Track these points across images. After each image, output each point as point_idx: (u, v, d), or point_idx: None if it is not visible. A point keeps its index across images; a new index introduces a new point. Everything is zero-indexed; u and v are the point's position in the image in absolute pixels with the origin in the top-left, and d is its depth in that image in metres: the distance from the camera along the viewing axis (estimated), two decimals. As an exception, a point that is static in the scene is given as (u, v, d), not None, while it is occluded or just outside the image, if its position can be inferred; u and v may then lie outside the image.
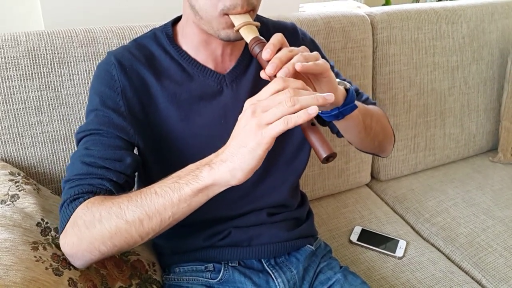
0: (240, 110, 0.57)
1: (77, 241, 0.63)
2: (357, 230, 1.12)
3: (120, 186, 0.68)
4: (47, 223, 0.73)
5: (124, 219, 0.60)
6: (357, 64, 1.20)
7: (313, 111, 0.52)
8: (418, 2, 3.18)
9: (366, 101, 0.87)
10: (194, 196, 0.58)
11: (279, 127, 0.52)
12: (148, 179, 0.62)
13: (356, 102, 0.71)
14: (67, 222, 0.64)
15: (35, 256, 0.65)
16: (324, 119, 0.71)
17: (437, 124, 1.37)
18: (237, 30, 0.64)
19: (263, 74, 0.60)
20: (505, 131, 1.42)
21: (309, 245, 0.87)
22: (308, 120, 0.53)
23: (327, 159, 0.54)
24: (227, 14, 0.64)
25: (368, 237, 1.10)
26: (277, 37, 0.61)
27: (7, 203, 0.73)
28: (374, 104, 0.89)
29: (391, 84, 1.27)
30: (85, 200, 0.63)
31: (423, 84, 1.31)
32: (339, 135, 0.84)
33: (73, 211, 0.63)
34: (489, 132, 1.47)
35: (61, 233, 0.65)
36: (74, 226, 0.62)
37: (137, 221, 0.59)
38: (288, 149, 0.82)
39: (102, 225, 0.60)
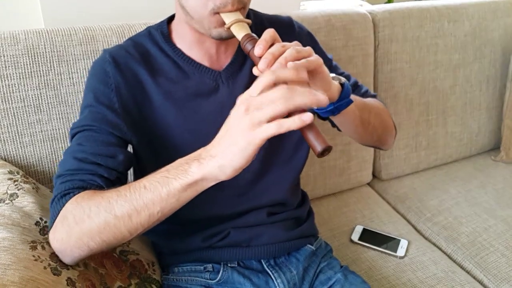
0: None
1: (66, 237, 0.62)
2: (358, 229, 1.12)
3: (112, 182, 0.67)
4: (45, 222, 0.72)
5: (112, 214, 0.59)
6: (358, 62, 1.19)
7: (308, 118, 0.51)
8: None
9: (365, 94, 0.86)
10: (183, 191, 0.57)
11: (271, 130, 0.51)
12: (143, 175, 0.61)
13: (353, 97, 0.70)
14: (57, 217, 0.63)
15: (33, 255, 0.64)
16: (321, 115, 0.70)
17: (439, 122, 1.36)
18: (228, 28, 0.64)
19: (255, 71, 0.59)
20: (508, 129, 1.41)
21: (309, 245, 0.87)
22: (302, 127, 0.52)
23: (322, 153, 0.53)
24: (218, 13, 0.64)
25: (369, 236, 1.09)
26: (269, 33, 0.60)
27: (5, 202, 0.73)
28: (374, 96, 0.88)
29: (393, 82, 1.27)
30: (75, 195, 0.63)
31: (425, 83, 1.31)
32: (339, 129, 0.84)
33: (63, 206, 0.63)
34: (491, 130, 1.47)
35: (50, 228, 0.64)
36: (64, 221, 0.62)
37: (126, 216, 0.59)
38: (286, 147, 0.82)
39: (91, 220, 0.60)
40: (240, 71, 0.76)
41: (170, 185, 0.57)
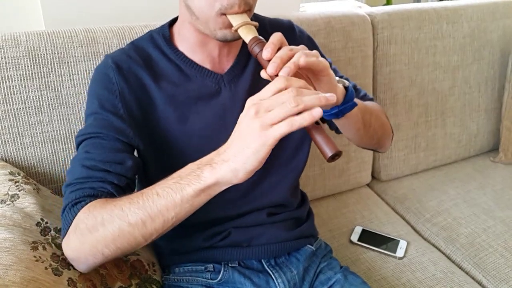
0: (238, 110, 0.57)
1: (79, 245, 0.62)
2: (358, 230, 1.12)
3: (122, 188, 0.67)
4: (46, 222, 0.72)
5: (126, 221, 0.59)
6: (357, 63, 1.19)
7: (318, 113, 0.52)
8: (420, 1, 3.18)
9: (363, 98, 0.87)
10: (196, 197, 0.58)
11: (283, 129, 0.52)
12: (148, 180, 0.62)
13: (355, 100, 0.70)
14: (69, 226, 0.63)
15: (34, 256, 0.64)
16: (324, 118, 0.70)
17: (438, 124, 1.36)
18: (236, 30, 0.64)
19: (263, 74, 0.59)
20: (506, 130, 1.42)
21: (309, 245, 0.87)
22: (312, 122, 0.53)
23: (332, 158, 0.54)
24: (224, 14, 0.64)
25: (368, 237, 1.10)
26: (277, 36, 0.60)
27: (7, 203, 0.73)
28: (372, 100, 0.89)
29: (392, 84, 1.27)
30: (86, 204, 0.63)
31: (423, 84, 1.31)
32: (337, 131, 0.84)
33: (75, 216, 0.63)
34: (490, 132, 1.47)
35: (63, 238, 0.64)
36: (76, 230, 0.62)
37: (140, 223, 0.59)
38: (287, 149, 0.82)
39: (105, 228, 0.60)
40: (242, 74, 0.77)
41: (184, 191, 0.57)
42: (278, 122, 0.52)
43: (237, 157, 0.55)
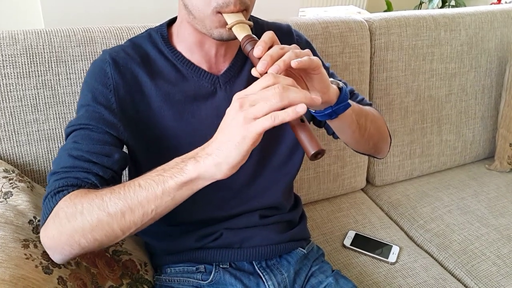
0: None
1: (57, 234, 0.61)
2: (351, 234, 1.12)
3: (106, 181, 0.67)
4: (39, 220, 0.73)
5: (106, 211, 0.59)
6: (354, 69, 1.20)
7: (302, 109, 0.52)
8: (420, 9, 3.19)
9: (361, 102, 0.87)
10: (178, 190, 0.57)
11: (265, 123, 0.52)
12: (138, 176, 0.62)
13: (350, 102, 0.70)
14: (49, 214, 0.62)
15: (25, 254, 0.65)
16: (318, 119, 0.71)
17: (434, 130, 1.37)
18: (230, 28, 0.65)
19: (254, 72, 0.60)
20: (502, 139, 1.42)
21: (301, 248, 0.87)
22: (296, 118, 0.53)
23: (315, 156, 0.53)
24: (220, 13, 0.65)
25: (361, 242, 1.10)
26: (268, 35, 0.61)
27: (0, 200, 0.73)
28: (370, 105, 0.89)
29: (388, 90, 1.28)
30: (69, 193, 0.63)
31: (420, 91, 1.32)
32: (335, 136, 0.84)
33: (56, 203, 0.62)
34: (486, 139, 1.48)
35: (42, 225, 0.64)
36: (56, 218, 0.61)
37: (119, 214, 0.59)
38: (281, 151, 0.82)
39: (84, 217, 0.59)
40: (238, 76, 0.77)
41: (166, 183, 0.57)
42: (261, 116, 0.52)
43: (220, 151, 0.54)
